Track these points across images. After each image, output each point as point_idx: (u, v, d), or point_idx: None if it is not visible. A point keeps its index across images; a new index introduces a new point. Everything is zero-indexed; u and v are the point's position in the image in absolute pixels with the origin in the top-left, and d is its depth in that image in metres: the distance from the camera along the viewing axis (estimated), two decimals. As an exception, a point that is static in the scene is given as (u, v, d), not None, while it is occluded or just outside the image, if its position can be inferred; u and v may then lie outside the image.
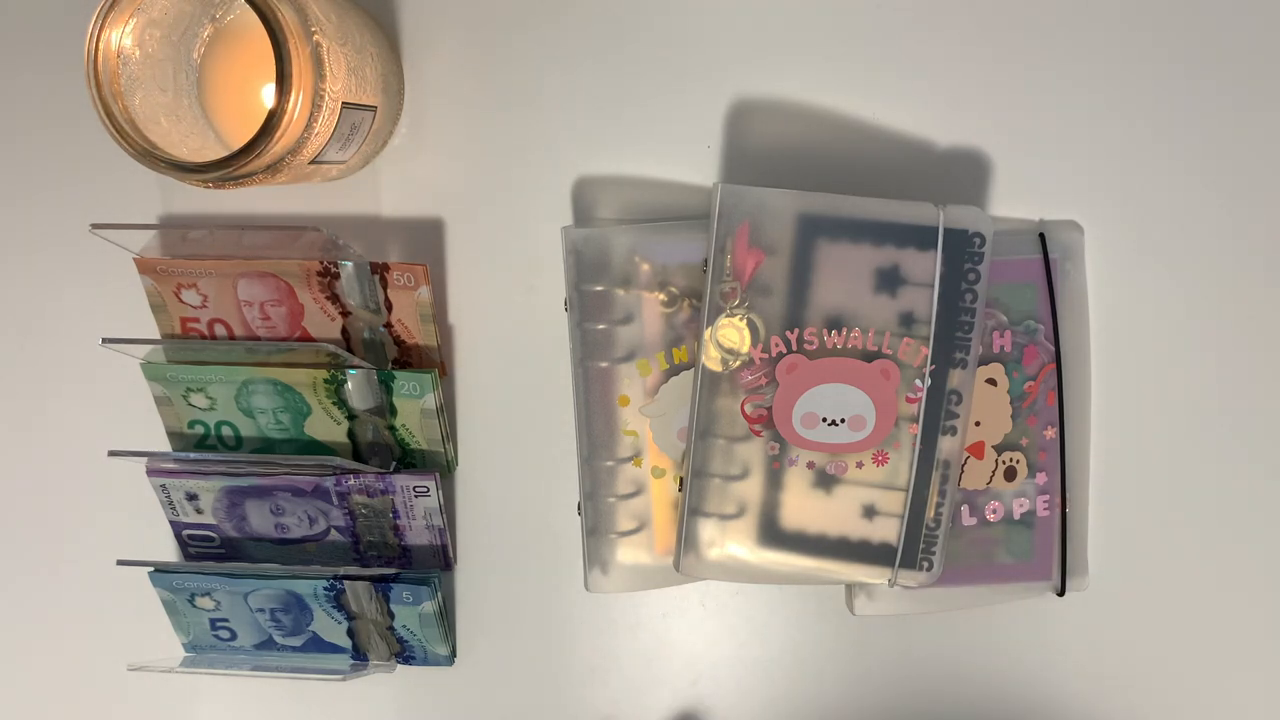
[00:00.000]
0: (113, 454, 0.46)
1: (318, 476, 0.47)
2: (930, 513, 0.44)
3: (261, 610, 0.48)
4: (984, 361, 0.46)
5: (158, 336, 0.48)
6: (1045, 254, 0.46)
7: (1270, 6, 0.46)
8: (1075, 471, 0.47)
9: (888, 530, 0.44)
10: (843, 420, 0.44)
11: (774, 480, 0.44)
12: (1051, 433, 0.47)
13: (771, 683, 0.50)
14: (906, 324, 0.43)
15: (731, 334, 0.43)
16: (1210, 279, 0.47)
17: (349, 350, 0.48)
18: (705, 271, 0.43)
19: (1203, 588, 0.49)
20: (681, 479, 0.45)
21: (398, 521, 0.48)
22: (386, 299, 0.46)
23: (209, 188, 0.38)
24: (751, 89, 0.47)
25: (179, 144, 0.40)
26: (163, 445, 0.50)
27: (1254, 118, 0.47)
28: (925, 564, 0.44)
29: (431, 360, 0.48)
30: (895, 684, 0.50)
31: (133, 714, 0.52)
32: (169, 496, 0.48)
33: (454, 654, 0.50)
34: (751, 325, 0.43)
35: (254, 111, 0.41)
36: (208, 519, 0.49)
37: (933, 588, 0.45)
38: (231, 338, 0.48)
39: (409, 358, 0.48)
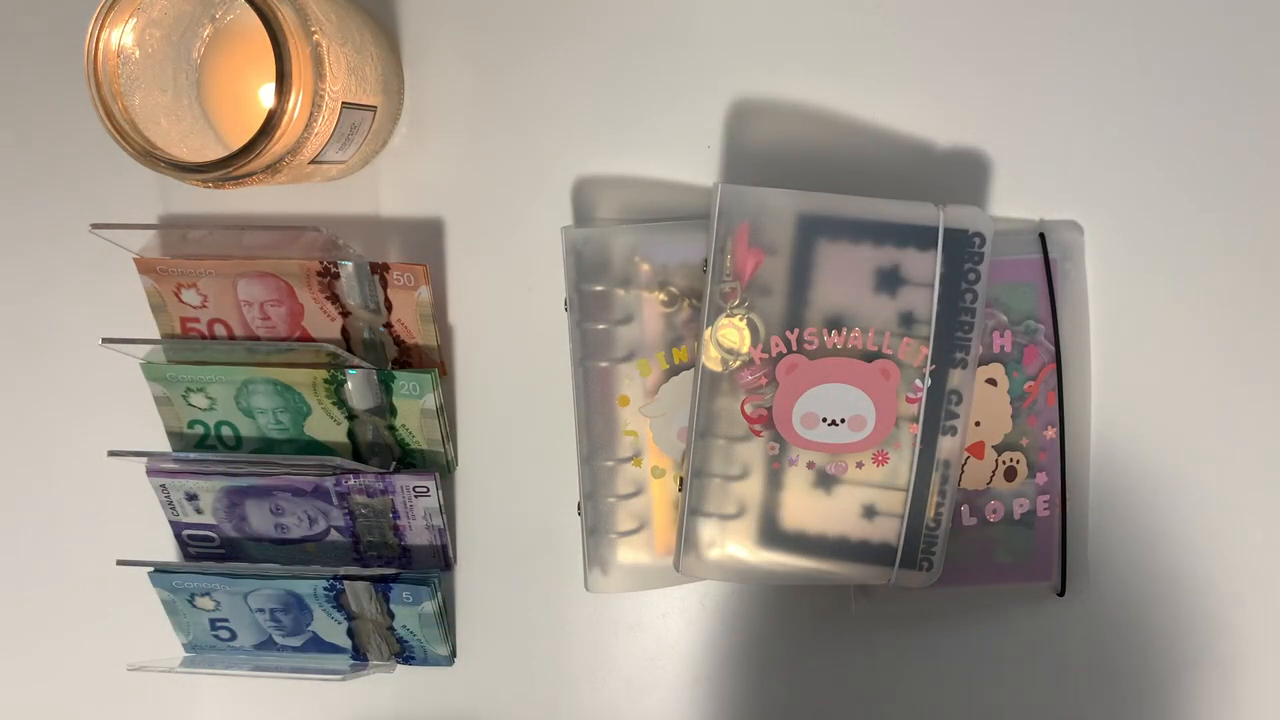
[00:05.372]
0: (113, 454, 0.46)
1: (318, 476, 0.47)
2: (930, 513, 0.44)
3: (261, 610, 0.48)
4: (984, 361, 0.46)
5: (158, 336, 0.48)
6: (1045, 254, 0.46)
7: (1269, 8, 0.46)
8: (1075, 471, 0.47)
9: (888, 530, 0.44)
10: (843, 420, 0.44)
11: (774, 480, 0.44)
12: (1051, 433, 0.47)
13: (771, 683, 0.50)
14: (906, 324, 0.43)
15: (731, 334, 0.43)
16: (1210, 278, 0.47)
17: (349, 350, 0.48)
18: (705, 271, 0.43)
19: (1203, 588, 0.49)
20: (681, 479, 0.45)
21: (398, 521, 0.48)
22: (386, 299, 0.46)
23: (209, 188, 0.38)
24: (751, 89, 0.47)
25: (179, 144, 0.40)
26: (163, 445, 0.50)
27: (1253, 118, 0.47)
28: (925, 564, 0.44)
29: (431, 360, 0.48)
30: (895, 684, 0.50)
31: (133, 714, 0.52)
32: (169, 496, 0.48)
33: (454, 654, 0.50)
34: (751, 325, 0.43)
35: (254, 111, 0.41)
36: (208, 519, 0.49)
37: (933, 588, 0.45)
38: (231, 338, 0.48)
39: (409, 358, 0.48)
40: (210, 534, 0.49)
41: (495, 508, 0.50)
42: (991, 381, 0.46)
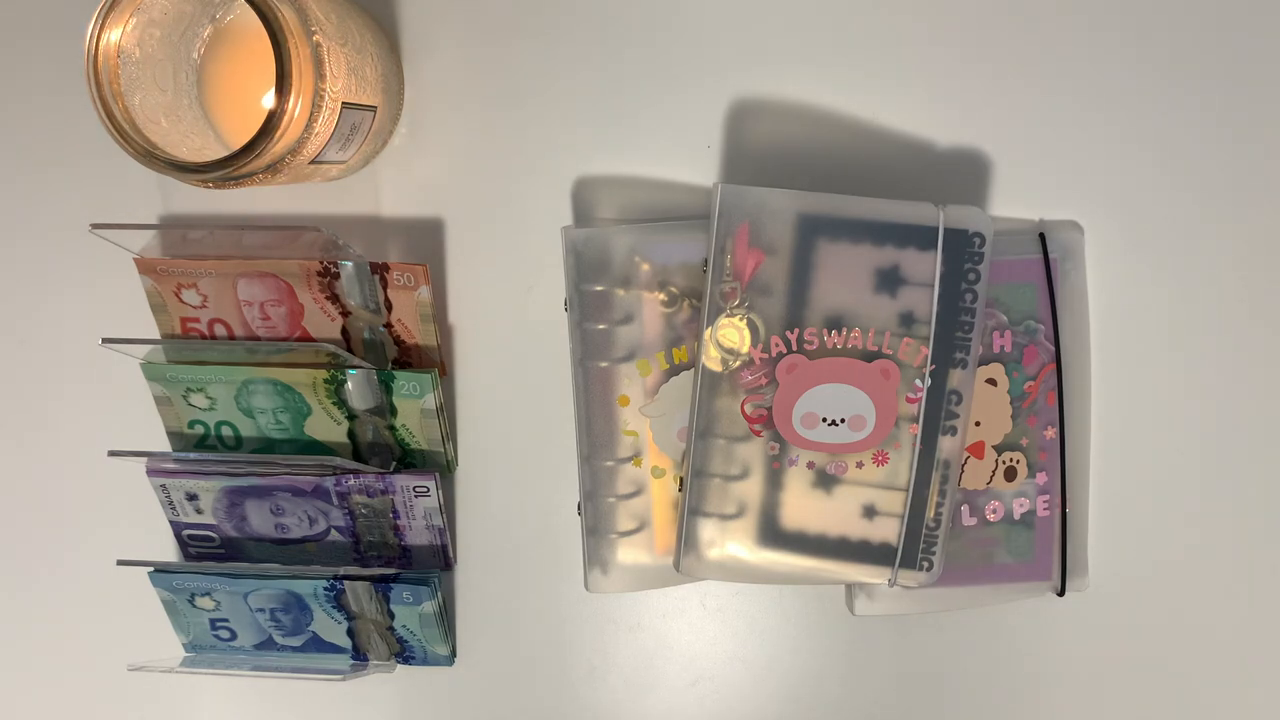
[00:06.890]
0: (113, 454, 0.46)
1: (318, 476, 0.47)
2: (930, 513, 0.44)
3: (261, 610, 0.48)
4: (984, 361, 0.46)
5: (158, 336, 0.48)
6: (1045, 254, 0.46)
7: (1268, 9, 0.46)
8: (1075, 471, 0.47)
9: (888, 530, 0.44)
10: (843, 420, 0.44)
11: (774, 480, 0.44)
12: (1051, 433, 0.47)
13: (771, 683, 0.50)
14: (906, 324, 0.43)
15: (731, 334, 0.43)
16: (1210, 278, 0.47)
17: (349, 350, 0.48)
18: (705, 271, 0.43)
19: (1203, 587, 0.49)
20: (681, 479, 0.45)
21: (398, 521, 0.48)
22: (386, 299, 0.46)
23: (209, 188, 0.38)
24: (751, 89, 0.47)
25: (179, 144, 0.40)
26: (163, 445, 0.50)
27: (1253, 118, 0.47)
28: (925, 564, 0.44)
29: (431, 360, 0.48)
30: (895, 684, 0.50)
31: (133, 714, 0.52)
32: (169, 496, 0.48)
33: (454, 654, 0.50)
34: (751, 325, 0.43)
35: (254, 111, 0.41)
36: (208, 519, 0.49)
37: (933, 588, 0.45)
38: (231, 338, 0.48)
39: (409, 358, 0.48)
40: (210, 534, 0.49)
41: (495, 508, 0.50)
42: (991, 381, 0.46)
